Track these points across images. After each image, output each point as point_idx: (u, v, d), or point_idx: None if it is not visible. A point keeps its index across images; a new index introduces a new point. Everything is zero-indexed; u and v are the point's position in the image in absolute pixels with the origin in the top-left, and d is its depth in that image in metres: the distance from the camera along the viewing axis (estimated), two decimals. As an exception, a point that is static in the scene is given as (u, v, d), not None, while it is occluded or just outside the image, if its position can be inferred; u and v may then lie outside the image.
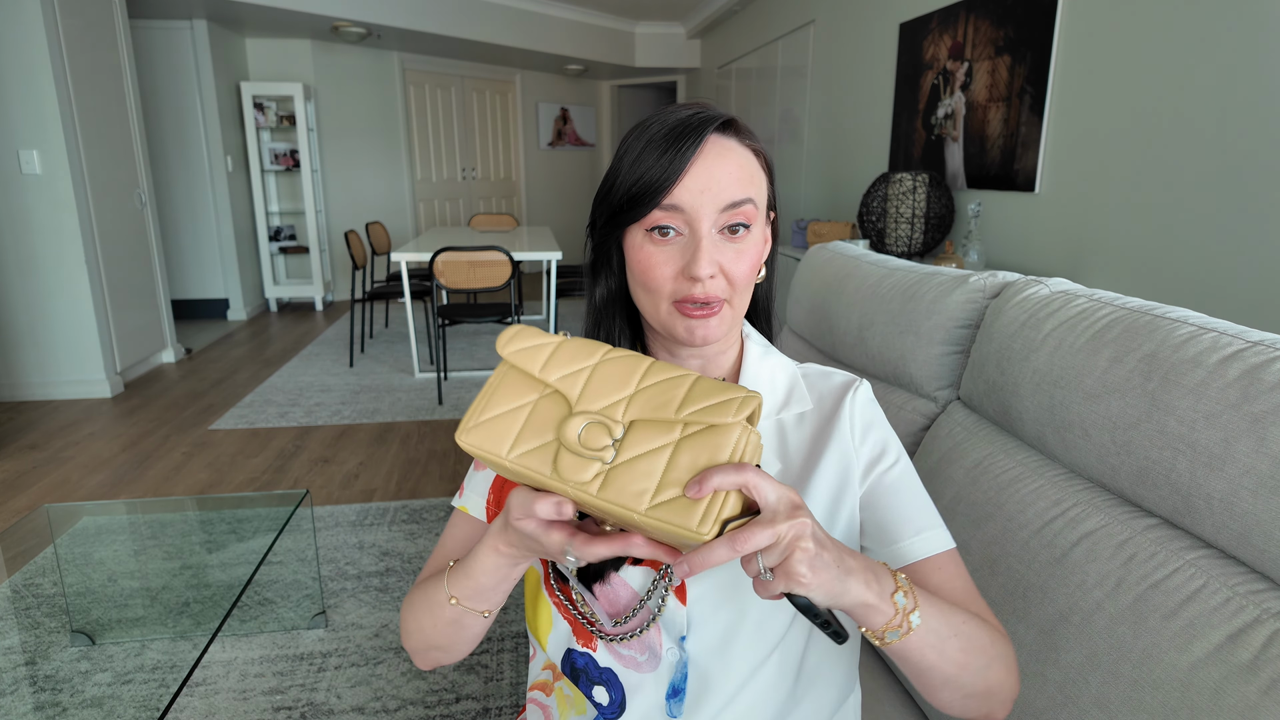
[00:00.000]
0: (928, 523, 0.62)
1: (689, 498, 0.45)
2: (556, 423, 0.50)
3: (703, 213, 0.58)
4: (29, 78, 3.11)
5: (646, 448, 0.48)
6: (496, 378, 0.53)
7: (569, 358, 0.52)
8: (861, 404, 0.65)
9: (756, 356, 0.68)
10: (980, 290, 1.01)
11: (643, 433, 0.48)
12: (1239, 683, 0.56)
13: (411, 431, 3.08)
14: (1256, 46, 1.75)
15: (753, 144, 0.62)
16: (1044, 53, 2.43)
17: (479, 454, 0.50)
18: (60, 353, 3.41)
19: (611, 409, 0.49)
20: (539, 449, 0.49)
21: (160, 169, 4.93)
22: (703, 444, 0.47)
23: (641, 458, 0.47)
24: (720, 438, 0.47)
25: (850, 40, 3.80)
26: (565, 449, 0.48)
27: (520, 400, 0.51)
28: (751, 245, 0.61)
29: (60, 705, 1.43)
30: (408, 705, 1.49)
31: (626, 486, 0.46)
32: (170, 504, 2.19)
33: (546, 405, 0.51)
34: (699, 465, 0.46)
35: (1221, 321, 0.69)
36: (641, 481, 0.46)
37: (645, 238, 0.60)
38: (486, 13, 5.67)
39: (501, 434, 0.50)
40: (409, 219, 6.40)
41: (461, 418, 0.61)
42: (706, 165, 0.58)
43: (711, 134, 0.60)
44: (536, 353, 0.52)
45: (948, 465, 0.94)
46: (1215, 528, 0.62)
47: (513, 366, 0.53)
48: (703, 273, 0.58)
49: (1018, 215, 2.62)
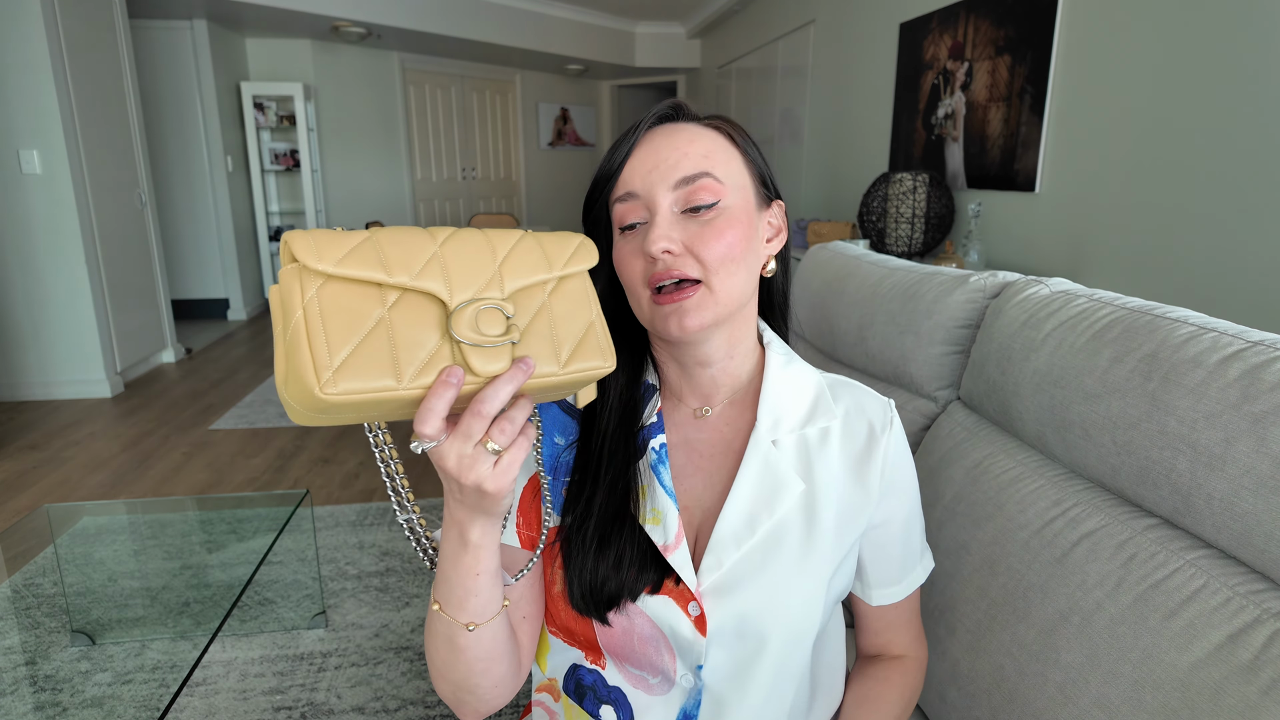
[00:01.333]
0: (908, 567, 0.68)
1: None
2: (434, 326, 0.43)
3: (655, 191, 0.57)
4: (29, 78, 3.11)
5: (531, 313, 0.48)
6: (303, 304, 0.41)
7: (401, 251, 0.44)
8: (896, 445, 0.64)
9: (778, 365, 0.65)
10: (980, 290, 1.01)
11: (522, 301, 0.48)
12: (1239, 683, 0.55)
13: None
14: (1257, 46, 1.75)
15: (711, 122, 0.61)
16: (1044, 53, 2.43)
17: (361, 399, 0.40)
18: (60, 353, 3.41)
19: (489, 289, 0.46)
20: (430, 362, 0.43)
21: (160, 169, 4.93)
22: (565, 295, 0.50)
23: (532, 324, 0.48)
24: (575, 282, 0.51)
25: (850, 40, 3.80)
26: (469, 348, 0.43)
27: (367, 320, 0.42)
28: (726, 224, 0.57)
29: (60, 705, 1.43)
30: (408, 705, 1.49)
31: (537, 357, 0.47)
32: (170, 504, 2.19)
33: (404, 312, 0.43)
34: (573, 316, 0.50)
35: (1221, 321, 0.69)
36: (544, 348, 0.47)
37: (618, 236, 0.60)
38: (486, 13, 5.67)
39: (376, 365, 0.41)
40: (409, 219, 6.40)
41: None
42: (652, 146, 0.59)
43: (655, 121, 0.60)
44: (359, 255, 0.42)
45: (948, 465, 0.94)
46: (1215, 528, 0.62)
47: (331, 278, 0.41)
48: (654, 248, 0.56)
49: (1018, 215, 2.62)
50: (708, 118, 0.62)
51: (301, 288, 0.41)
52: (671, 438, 0.64)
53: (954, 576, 0.84)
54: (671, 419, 0.65)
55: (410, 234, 0.45)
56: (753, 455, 0.61)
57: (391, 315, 0.42)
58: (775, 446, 0.61)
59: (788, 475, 0.60)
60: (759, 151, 0.64)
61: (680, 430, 0.65)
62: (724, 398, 0.65)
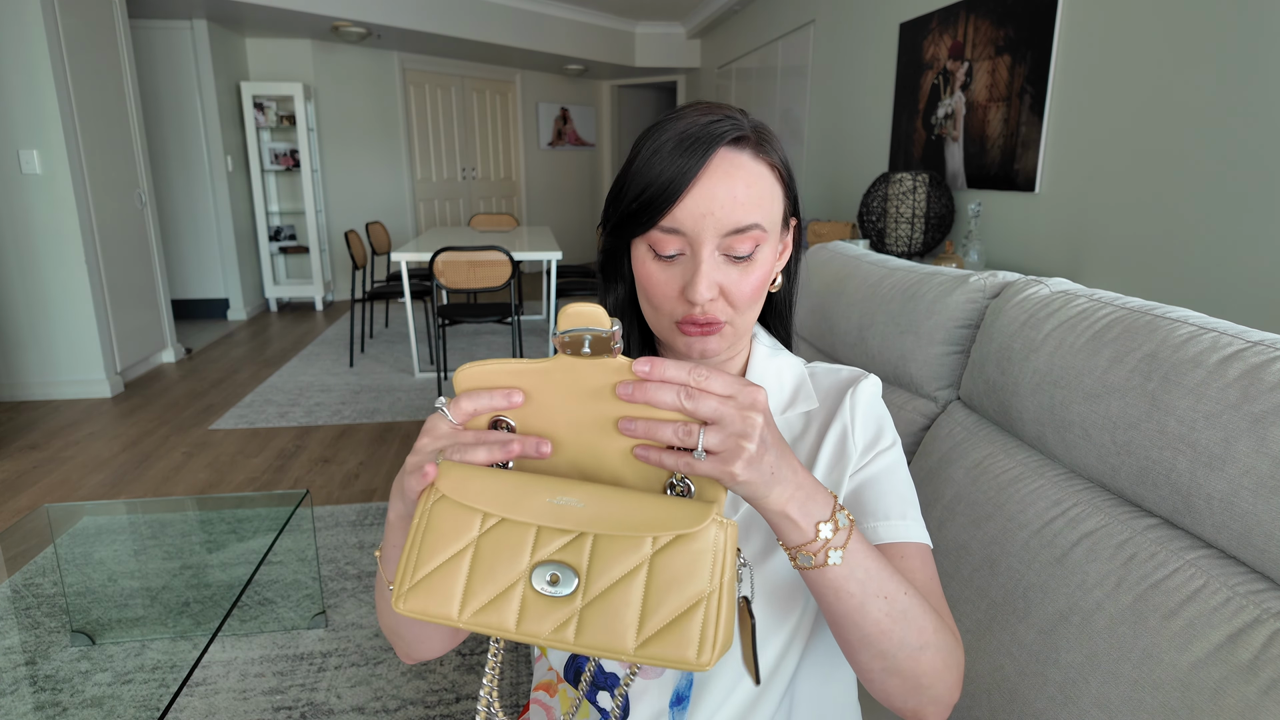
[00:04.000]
0: (903, 512, 0.62)
1: (637, 456, 0.44)
2: (509, 566, 0.43)
3: (704, 237, 0.56)
4: (29, 78, 3.11)
5: (617, 573, 0.42)
6: (422, 515, 0.46)
7: (508, 482, 0.45)
8: (864, 397, 0.65)
9: (763, 356, 0.68)
10: (980, 290, 1.01)
11: (609, 555, 0.43)
12: (1239, 683, 0.55)
13: (412, 431, 3.08)
14: (1257, 46, 1.75)
15: (768, 157, 0.58)
16: (1044, 53, 2.43)
17: (424, 619, 0.43)
18: (60, 353, 3.41)
19: (570, 538, 0.44)
20: (495, 601, 0.43)
21: (160, 169, 4.93)
22: (678, 556, 0.42)
23: (616, 588, 0.42)
24: (695, 544, 0.42)
25: (850, 40, 3.80)
26: (528, 598, 0.43)
27: (458, 542, 0.44)
28: (758, 266, 0.58)
29: (60, 705, 1.43)
30: (408, 705, 1.49)
31: (607, 626, 0.41)
32: (170, 504, 2.19)
33: (491, 542, 0.44)
34: (680, 583, 0.41)
35: (1221, 321, 0.69)
36: (623, 617, 0.41)
37: (648, 253, 0.59)
38: (486, 13, 5.67)
39: (446, 591, 0.43)
40: (409, 219, 6.40)
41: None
42: (710, 186, 0.55)
43: (721, 149, 0.56)
44: (473, 479, 0.45)
45: (948, 465, 0.94)
46: (1215, 528, 0.62)
47: (443, 497, 0.45)
48: (700, 297, 0.56)
49: (1018, 215, 2.62)
50: (760, 144, 0.58)
51: (427, 497, 0.46)
52: None
53: (954, 576, 0.84)
54: None
55: (543, 479, 0.45)
56: None
57: (482, 542, 0.44)
58: None
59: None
60: (793, 175, 0.62)
61: None
62: None
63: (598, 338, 0.44)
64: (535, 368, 0.46)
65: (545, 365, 0.46)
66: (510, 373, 0.47)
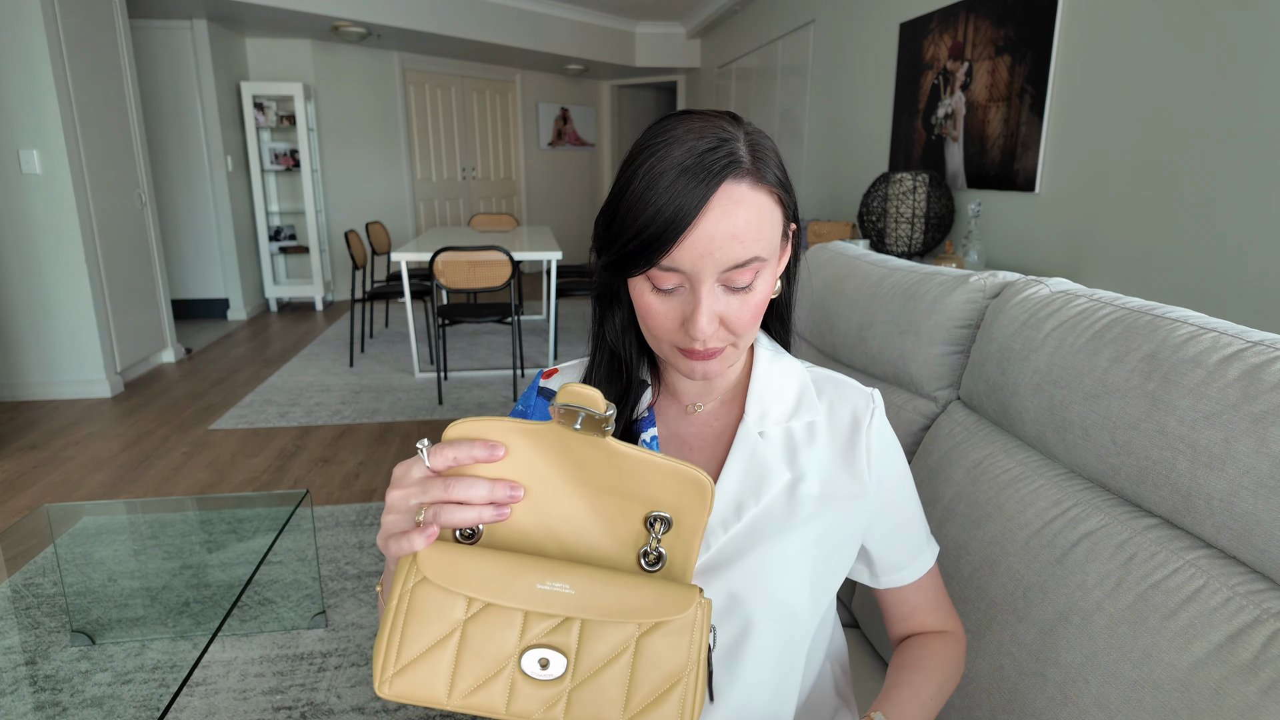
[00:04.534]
0: (917, 551, 0.69)
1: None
2: (497, 650, 0.44)
3: (703, 275, 0.55)
4: (29, 78, 3.11)
5: (605, 655, 0.44)
6: (401, 596, 0.45)
7: (493, 567, 0.46)
8: (878, 437, 0.65)
9: (765, 362, 0.67)
10: (980, 290, 1.01)
11: (597, 638, 0.44)
12: (1239, 683, 0.55)
13: (412, 431, 3.08)
14: (1257, 46, 1.75)
15: (767, 184, 0.56)
16: (1044, 53, 2.43)
17: (410, 703, 0.44)
18: (60, 353, 3.41)
19: (557, 622, 0.45)
20: (484, 686, 0.44)
21: (160, 169, 4.93)
22: (662, 638, 0.44)
23: (604, 670, 0.44)
24: (677, 624, 0.45)
25: (850, 40, 3.80)
26: (518, 681, 0.44)
27: (443, 627, 0.44)
28: (758, 293, 0.58)
29: (60, 705, 1.43)
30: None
31: (595, 705, 0.43)
32: (170, 504, 2.19)
33: (479, 626, 0.44)
34: (662, 663, 0.44)
35: (1221, 321, 0.69)
36: (610, 696, 0.43)
37: (646, 284, 0.58)
38: (486, 13, 5.67)
39: (432, 676, 0.43)
40: (409, 219, 6.40)
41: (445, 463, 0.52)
42: (709, 226, 0.53)
43: (724, 184, 0.54)
44: (457, 563, 0.45)
45: (948, 465, 0.94)
46: (1215, 528, 0.62)
47: (424, 579, 0.45)
48: (702, 333, 0.56)
49: (1018, 215, 2.62)
50: (756, 164, 0.56)
51: (404, 577, 0.45)
52: (662, 431, 0.67)
53: (954, 576, 0.84)
54: (663, 414, 0.68)
55: (528, 562, 0.46)
56: (740, 446, 0.63)
57: (468, 627, 0.44)
58: (762, 438, 0.64)
59: (774, 465, 0.62)
60: (790, 184, 0.61)
61: (671, 425, 0.68)
62: (716, 396, 0.68)
63: (590, 417, 0.45)
64: (528, 427, 0.47)
65: (539, 427, 0.47)
66: (504, 429, 0.47)
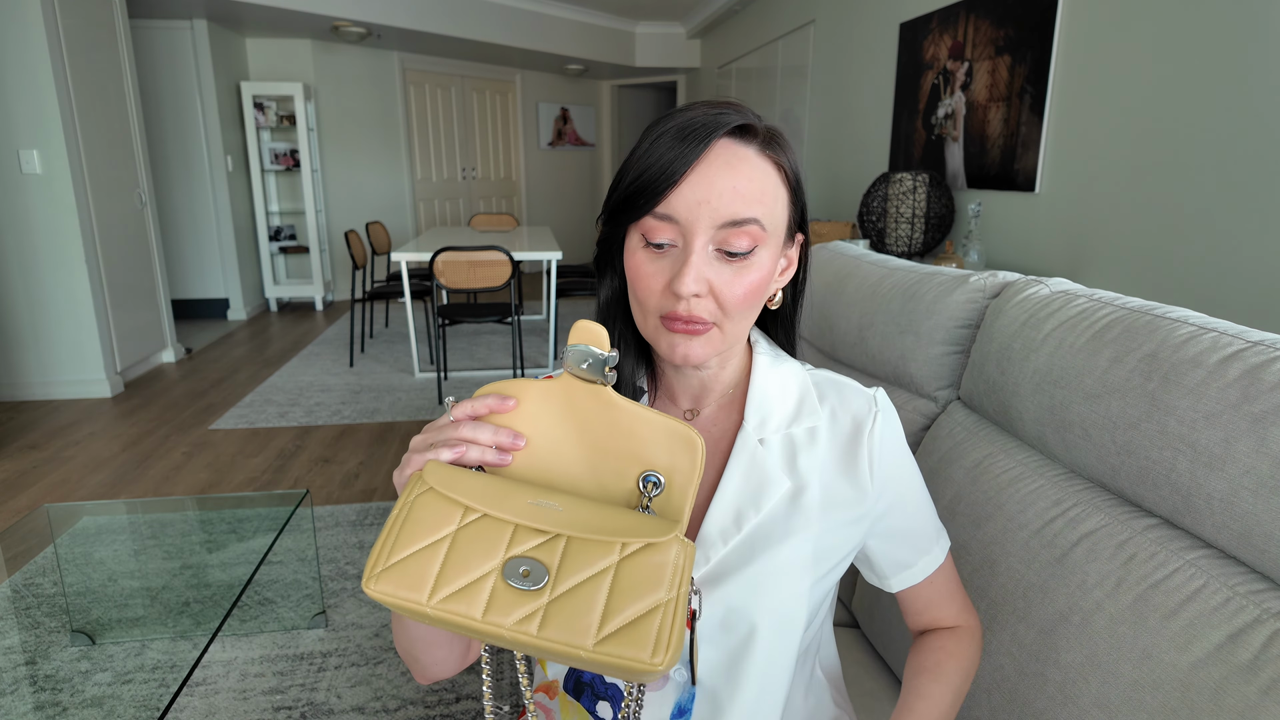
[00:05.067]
0: (923, 547, 0.67)
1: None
2: (484, 557, 0.45)
3: (697, 227, 0.54)
4: (29, 78, 3.11)
5: (586, 574, 0.44)
6: (404, 505, 0.47)
7: (492, 484, 0.48)
8: (880, 440, 0.63)
9: (765, 367, 0.65)
10: (980, 290, 1.01)
11: (580, 556, 0.44)
12: (1239, 683, 0.55)
13: (412, 431, 3.08)
14: (1257, 46, 1.75)
15: (775, 156, 0.56)
16: (1044, 53, 2.43)
17: (392, 603, 0.44)
18: (60, 353, 3.41)
19: (544, 539, 0.46)
20: (465, 590, 0.44)
21: (160, 169, 4.93)
22: (643, 564, 0.44)
23: (581, 587, 0.43)
24: (659, 555, 0.45)
25: (850, 40, 3.80)
26: (498, 589, 0.44)
27: (438, 533, 0.45)
28: (753, 269, 0.56)
29: (60, 705, 1.43)
30: (408, 705, 1.49)
31: (569, 623, 0.42)
32: (170, 504, 2.19)
33: (470, 534, 0.45)
34: (642, 589, 0.43)
35: (1221, 321, 0.69)
36: (586, 616, 0.42)
37: (640, 242, 0.57)
38: (486, 13, 5.67)
39: (418, 576, 0.44)
40: (409, 219, 6.40)
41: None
42: (709, 174, 0.53)
43: (721, 138, 0.54)
44: (460, 478, 0.47)
45: (948, 465, 0.94)
46: (1215, 528, 0.62)
47: (431, 489, 0.47)
48: (686, 289, 0.54)
49: (1018, 215, 2.62)
50: (769, 142, 0.56)
51: (410, 489, 0.47)
52: None
53: (954, 576, 0.84)
54: None
55: (523, 485, 0.48)
56: (739, 454, 0.61)
57: (459, 535, 0.45)
58: (762, 445, 0.62)
59: (774, 473, 0.60)
60: (803, 186, 0.61)
61: None
62: (713, 400, 0.66)
63: (595, 359, 0.50)
64: (541, 385, 0.52)
65: (550, 384, 0.52)
66: (519, 385, 0.52)
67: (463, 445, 0.50)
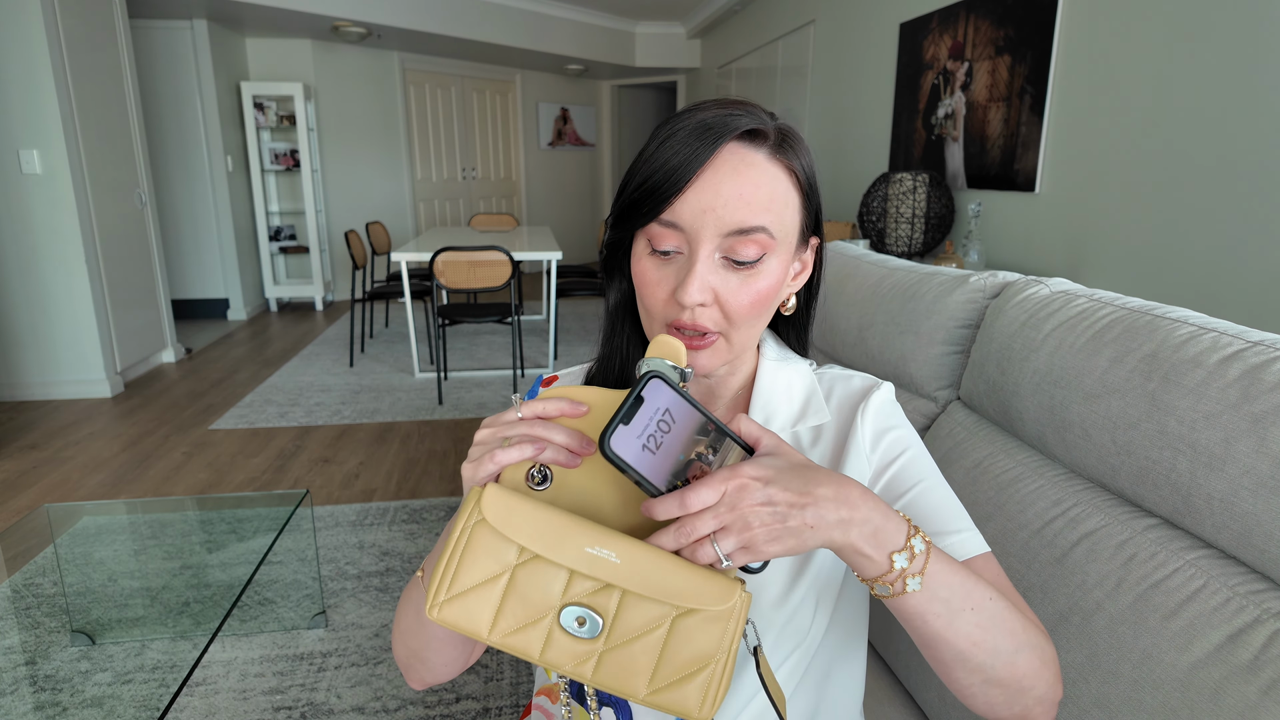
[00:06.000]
0: (961, 525, 0.58)
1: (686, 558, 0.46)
2: (541, 599, 0.46)
3: (703, 235, 0.52)
4: (29, 78, 3.11)
5: (640, 627, 0.46)
6: (463, 531, 0.47)
7: (549, 523, 0.48)
8: (875, 411, 0.61)
9: (771, 367, 0.64)
10: (980, 290, 1.01)
11: (635, 610, 0.46)
12: (1239, 683, 0.56)
13: (412, 431, 3.08)
14: (1257, 46, 1.75)
15: (787, 160, 0.54)
16: (1044, 53, 2.43)
17: (454, 630, 0.47)
18: (60, 353, 3.41)
19: (600, 585, 0.47)
20: (524, 629, 0.46)
21: (160, 169, 4.93)
22: (697, 623, 0.46)
23: (637, 640, 0.46)
24: (714, 624, 0.46)
25: (850, 40, 3.81)
26: (555, 633, 0.46)
27: (495, 567, 0.47)
28: (761, 277, 0.54)
29: (60, 705, 1.43)
30: (408, 705, 1.49)
31: (623, 670, 0.45)
32: (170, 504, 2.19)
33: (527, 574, 0.47)
34: (694, 646, 0.45)
35: (1221, 321, 0.69)
36: (639, 664, 0.45)
37: (645, 248, 0.56)
38: (486, 13, 5.67)
39: (478, 610, 0.46)
40: (409, 219, 6.40)
41: (460, 455, 0.53)
42: (715, 180, 0.51)
43: (730, 142, 0.52)
44: (516, 512, 0.48)
45: (948, 465, 0.94)
46: (1215, 528, 0.62)
47: (483, 520, 0.47)
48: (689, 299, 0.52)
49: (1018, 215, 2.62)
50: (780, 145, 0.55)
51: (468, 514, 0.48)
52: None
53: (954, 576, 0.84)
54: None
55: (581, 525, 0.48)
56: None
57: (518, 572, 0.47)
58: None
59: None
60: (817, 188, 0.59)
61: None
62: (721, 403, 0.65)
63: (673, 371, 0.50)
64: (612, 396, 0.51)
65: (618, 394, 0.51)
66: (590, 393, 0.51)
67: (536, 444, 0.48)
